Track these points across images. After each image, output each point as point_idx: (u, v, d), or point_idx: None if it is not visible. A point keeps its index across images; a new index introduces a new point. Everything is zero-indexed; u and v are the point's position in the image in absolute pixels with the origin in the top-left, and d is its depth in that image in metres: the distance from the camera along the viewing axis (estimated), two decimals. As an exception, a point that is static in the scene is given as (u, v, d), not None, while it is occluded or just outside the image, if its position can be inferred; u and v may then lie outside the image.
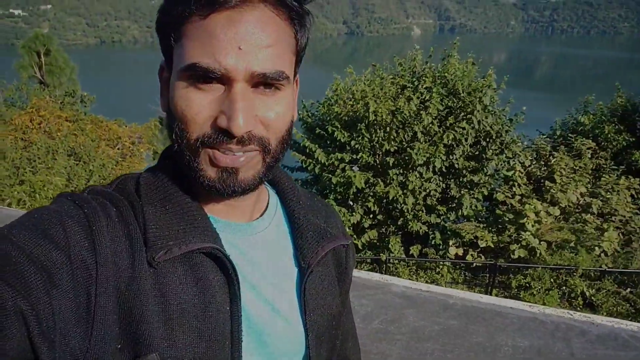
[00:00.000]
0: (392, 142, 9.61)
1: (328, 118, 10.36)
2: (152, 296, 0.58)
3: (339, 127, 9.79)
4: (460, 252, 8.88)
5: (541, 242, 8.04)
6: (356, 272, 4.77)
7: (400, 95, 9.88)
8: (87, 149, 12.34)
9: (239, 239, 0.69)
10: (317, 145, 9.90)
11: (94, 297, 0.55)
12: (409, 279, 6.69)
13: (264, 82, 0.59)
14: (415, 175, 9.52)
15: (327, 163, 9.78)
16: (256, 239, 0.71)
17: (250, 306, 0.66)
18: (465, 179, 10.04)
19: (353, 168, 9.60)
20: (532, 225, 8.11)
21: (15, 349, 0.48)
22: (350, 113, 9.96)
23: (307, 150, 9.97)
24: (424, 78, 10.16)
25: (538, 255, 8.05)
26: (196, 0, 0.56)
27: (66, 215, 0.57)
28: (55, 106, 14.05)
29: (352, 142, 9.68)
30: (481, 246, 8.69)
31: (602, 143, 11.02)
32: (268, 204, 0.76)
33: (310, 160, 9.98)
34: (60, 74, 17.74)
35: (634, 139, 11.05)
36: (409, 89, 10.07)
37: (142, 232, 0.61)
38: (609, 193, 8.95)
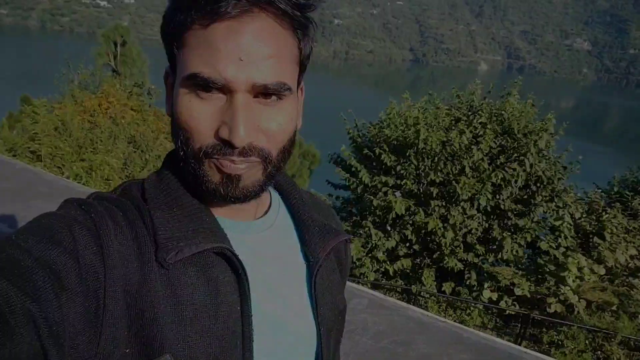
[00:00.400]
0: (439, 173, 9.48)
1: (377, 140, 10.36)
2: (164, 297, 0.58)
3: (387, 150, 9.77)
4: (495, 296, 8.57)
5: (580, 300, 7.63)
6: (376, 292, 4.74)
7: (454, 127, 9.76)
8: (147, 139, 12.85)
9: (246, 238, 0.69)
10: (362, 166, 9.92)
11: (102, 301, 0.55)
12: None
13: (265, 92, 0.59)
14: (458, 210, 9.31)
15: (370, 184, 9.75)
16: (263, 236, 0.71)
17: (263, 303, 0.66)
18: (509, 222, 9.71)
19: (395, 193, 9.52)
20: (573, 281, 7.73)
21: (25, 352, 0.47)
22: (400, 138, 9.92)
23: (353, 169, 10.00)
24: (480, 113, 10.00)
25: (576, 313, 7.65)
26: (197, 10, 0.56)
27: (73, 220, 0.58)
28: (124, 95, 14.73)
29: (398, 167, 9.62)
30: (517, 294, 8.36)
31: (662, 206, 10.40)
32: (270, 201, 0.77)
33: (354, 180, 9.99)
34: (132, 65, 18.60)
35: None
36: (463, 122, 9.94)
37: (151, 235, 0.61)
38: (662, 260, 8.44)
